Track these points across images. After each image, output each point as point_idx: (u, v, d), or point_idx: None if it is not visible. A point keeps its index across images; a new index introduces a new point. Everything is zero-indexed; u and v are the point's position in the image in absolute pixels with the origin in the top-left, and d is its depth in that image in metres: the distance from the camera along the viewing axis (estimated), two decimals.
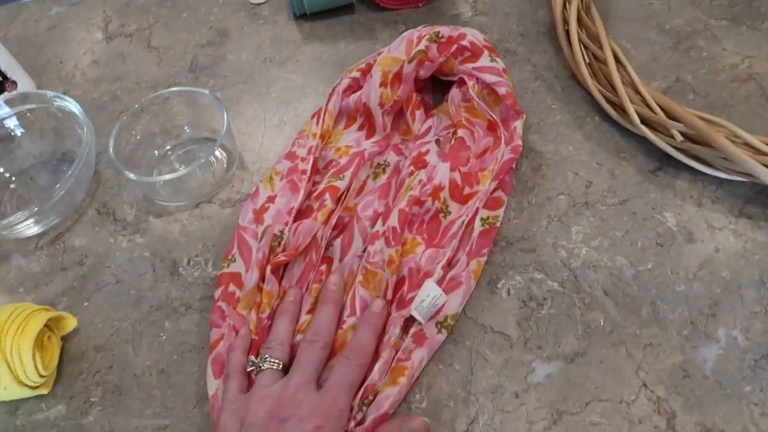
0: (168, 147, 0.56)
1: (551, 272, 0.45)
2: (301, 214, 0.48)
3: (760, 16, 0.58)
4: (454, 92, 0.52)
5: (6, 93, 0.59)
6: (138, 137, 0.54)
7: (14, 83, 0.60)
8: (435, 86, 0.56)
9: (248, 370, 0.41)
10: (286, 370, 0.41)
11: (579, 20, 0.55)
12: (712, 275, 0.44)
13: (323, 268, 0.46)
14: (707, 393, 0.39)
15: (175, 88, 0.54)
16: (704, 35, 0.58)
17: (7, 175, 0.56)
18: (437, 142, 0.49)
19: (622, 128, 0.52)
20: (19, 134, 0.56)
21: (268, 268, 0.44)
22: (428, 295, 0.41)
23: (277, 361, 0.40)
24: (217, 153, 0.54)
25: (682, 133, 0.47)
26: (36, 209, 0.48)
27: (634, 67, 0.52)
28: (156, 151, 0.55)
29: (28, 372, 0.41)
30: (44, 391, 0.43)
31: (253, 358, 0.42)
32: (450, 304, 0.43)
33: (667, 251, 0.45)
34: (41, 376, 0.42)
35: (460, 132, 0.48)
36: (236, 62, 0.63)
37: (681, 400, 0.39)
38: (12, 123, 0.56)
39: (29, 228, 0.50)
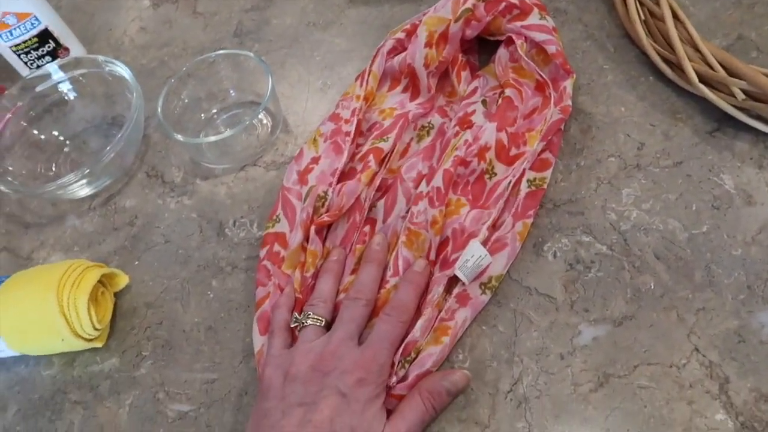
0: (214, 111, 0.56)
1: (600, 235, 0.44)
2: (344, 175, 0.48)
3: None
4: (502, 52, 0.50)
5: (59, 58, 0.61)
6: (185, 101, 0.55)
7: (67, 50, 0.62)
8: (481, 47, 0.54)
9: (292, 326, 0.42)
10: (328, 327, 0.41)
11: None
12: None
13: (366, 229, 0.46)
14: (764, 359, 0.37)
15: (221, 51, 0.54)
16: None
17: (62, 138, 0.57)
18: (483, 102, 0.48)
19: (679, 88, 0.49)
20: (72, 98, 0.58)
21: (312, 228, 0.45)
22: (472, 255, 0.41)
23: (320, 317, 0.41)
24: (261, 116, 0.54)
25: (744, 91, 0.44)
26: (88, 171, 0.49)
27: (693, 24, 0.49)
28: (203, 115, 0.56)
29: (84, 325, 0.43)
30: (99, 344, 0.45)
31: (296, 314, 0.42)
32: (494, 266, 0.42)
33: (724, 214, 0.43)
34: (96, 329, 0.44)
35: (508, 91, 0.47)
36: (280, 26, 0.63)
37: (735, 366, 0.38)
38: (66, 87, 0.57)
39: (82, 189, 0.52)
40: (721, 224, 0.43)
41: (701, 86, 0.46)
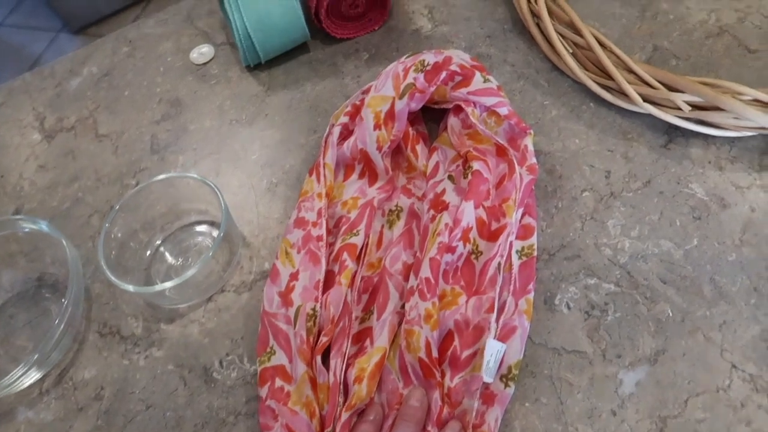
0: (158, 242, 0.51)
1: (603, 274, 0.44)
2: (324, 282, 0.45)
3: None
4: (453, 121, 0.49)
5: None
6: (119, 236, 0.49)
7: None
8: (425, 114, 0.53)
9: None
10: None
11: (549, 11, 0.53)
12: (757, 236, 0.43)
13: (367, 343, 0.42)
14: None
15: (160, 177, 0.48)
16: None
17: None
18: (450, 178, 0.47)
19: (621, 109, 0.51)
20: None
21: (318, 358, 0.41)
22: (491, 354, 0.39)
23: None
24: (214, 235, 0.50)
25: (687, 103, 0.46)
26: (36, 357, 0.42)
27: None
28: (148, 251, 0.50)
29: None
30: None
31: None
32: (510, 353, 0.40)
33: (707, 223, 0.45)
34: None
35: (475, 165, 0.45)
36: (200, 131, 0.58)
37: None
38: None
39: (29, 378, 0.44)
40: (708, 233, 0.44)
41: (647, 105, 0.48)
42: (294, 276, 0.45)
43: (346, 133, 0.50)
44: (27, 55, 1.94)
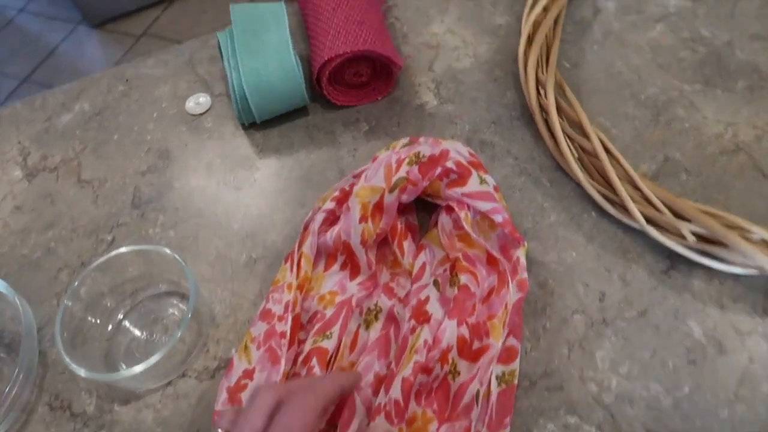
0: (120, 316, 0.48)
1: (585, 413, 0.41)
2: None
3: (731, 75, 0.56)
4: (445, 219, 0.46)
5: None
6: (84, 302, 0.46)
7: None
8: (417, 204, 0.50)
9: None
10: None
11: (558, 108, 0.51)
12: (753, 392, 0.40)
13: None
14: None
15: (124, 249, 0.46)
16: (681, 103, 0.55)
17: None
18: (435, 284, 0.44)
19: (623, 223, 0.48)
20: None
21: None
22: None
23: None
24: (183, 308, 0.47)
25: (693, 233, 0.44)
26: None
27: (618, 147, 0.49)
28: (110, 324, 0.47)
29: None
30: None
31: None
32: None
33: (701, 369, 0.42)
34: None
35: (463, 279, 0.43)
36: (185, 190, 0.55)
37: None
38: None
39: None
40: (701, 382, 0.41)
41: (650, 228, 0.45)
42: (248, 374, 0.42)
43: (332, 219, 0.47)
44: (43, 44, 1.93)
